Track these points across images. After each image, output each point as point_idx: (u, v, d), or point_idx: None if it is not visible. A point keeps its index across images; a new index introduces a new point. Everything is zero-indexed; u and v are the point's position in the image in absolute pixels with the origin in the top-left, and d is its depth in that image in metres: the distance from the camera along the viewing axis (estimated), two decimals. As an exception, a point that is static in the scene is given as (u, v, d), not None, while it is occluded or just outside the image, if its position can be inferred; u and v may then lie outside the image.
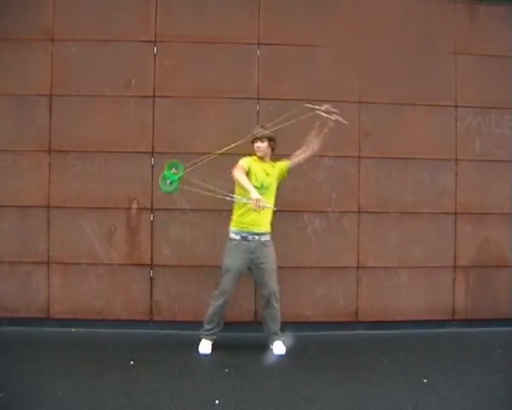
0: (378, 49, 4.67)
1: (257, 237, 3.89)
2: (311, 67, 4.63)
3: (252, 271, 3.93)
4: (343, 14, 4.66)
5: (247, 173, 3.89)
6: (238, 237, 3.90)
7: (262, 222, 3.89)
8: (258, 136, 3.96)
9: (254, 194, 3.68)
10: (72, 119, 4.52)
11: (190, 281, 4.54)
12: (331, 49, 4.65)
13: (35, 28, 4.52)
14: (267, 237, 3.95)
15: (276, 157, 4.09)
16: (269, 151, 4.01)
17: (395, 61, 4.69)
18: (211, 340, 3.98)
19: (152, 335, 4.41)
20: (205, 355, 3.89)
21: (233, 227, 3.94)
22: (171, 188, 3.97)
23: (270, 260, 3.93)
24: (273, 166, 4.04)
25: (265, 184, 3.92)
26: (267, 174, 3.96)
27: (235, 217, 3.95)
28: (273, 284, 3.92)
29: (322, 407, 3.02)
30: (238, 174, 3.83)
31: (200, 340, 3.98)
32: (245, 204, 3.82)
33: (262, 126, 4.03)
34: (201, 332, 4.00)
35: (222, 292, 3.90)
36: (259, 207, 3.68)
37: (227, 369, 3.59)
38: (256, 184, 3.87)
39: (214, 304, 3.93)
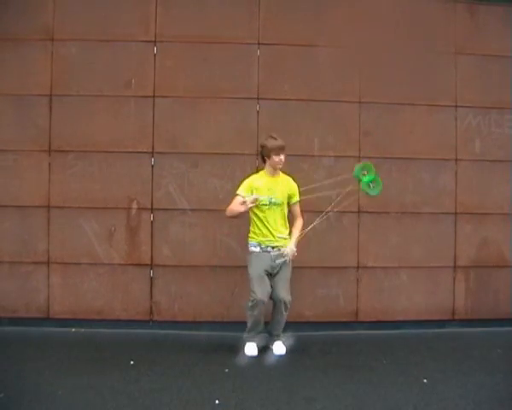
0: (378, 49, 4.67)
1: (276, 249, 3.89)
2: (311, 67, 4.63)
3: (271, 275, 3.91)
4: (343, 14, 4.66)
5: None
6: (258, 249, 3.89)
7: (278, 240, 3.89)
8: (283, 146, 3.86)
9: (244, 208, 3.76)
10: (72, 119, 4.52)
11: (190, 281, 4.54)
12: (331, 49, 4.65)
13: (35, 28, 4.52)
14: None
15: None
16: None
17: (395, 61, 4.68)
18: (256, 342, 3.96)
19: (152, 335, 4.41)
20: (251, 357, 3.86)
21: (251, 241, 3.93)
22: (378, 190, 3.93)
23: (287, 269, 3.92)
24: (287, 181, 3.99)
25: (274, 200, 3.87)
26: (277, 188, 3.90)
27: (252, 234, 3.94)
28: (285, 292, 3.89)
29: (323, 407, 3.01)
30: (228, 212, 3.88)
31: (244, 343, 3.95)
32: (256, 221, 3.87)
33: (272, 137, 3.90)
34: (245, 336, 3.97)
35: (256, 302, 3.82)
36: (254, 202, 3.73)
37: (227, 369, 3.59)
38: (263, 202, 3.84)
39: (252, 314, 3.87)
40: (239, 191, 3.89)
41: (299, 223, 4.02)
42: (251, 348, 3.92)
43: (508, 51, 4.76)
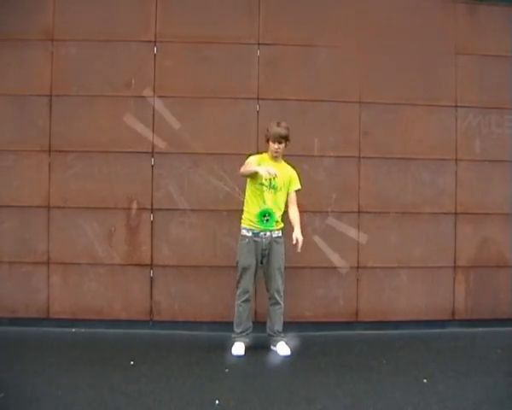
0: (378, 49, 4.67)
1: (268, 234, 3.90)
2: (311, 67, 4.63)
3: (262, 264, 3.96)
4: (343, 14, 4.66)
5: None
6: (250, 234, 3.89)
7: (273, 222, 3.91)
8: (282, 136, 3.85)
9: (261, 170, 3.68)
10: (72, 119, 4.51)
11: (190, 281, 4.54)
12: (331, 49, 4.65)
13: (35, 28, 4.52)
14: (279, 234, 3.96)
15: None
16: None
17: (395, 61, 4.69)
18: (243, 342, 3.95)
19: (152, 335, 4.41)
20: (238, 356, 3.86)
21: (244, 225, 3.94)
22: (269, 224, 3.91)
23: (279, 257, 3.94)
24: (288, 169, 4.00)
25: (274, 184, 3.88)
26: (278, 173, 3.90)
27: (245, 217, 3.95)
28: (279, 281, 3.94)
29: (323, 407, 3.01)
30: (243, 167, 3.85)
31: (232, 343, 3.95)
32: (254, 205, 3.86)
33: (278, 125, 3.89)
34: (233, 336, 3.98)
35: (243, 291, 3.90)
36: (271, 174, 3.68)
37: (227, 369, 3.59)
38: (264, 182, 3.85)
39: (238, 303, 3.93)
40: (250, 159, 3.90)
41: (296, 210, 3.99)
42: (238, 348, 3.91)
43: (508, 51, 4.75)
